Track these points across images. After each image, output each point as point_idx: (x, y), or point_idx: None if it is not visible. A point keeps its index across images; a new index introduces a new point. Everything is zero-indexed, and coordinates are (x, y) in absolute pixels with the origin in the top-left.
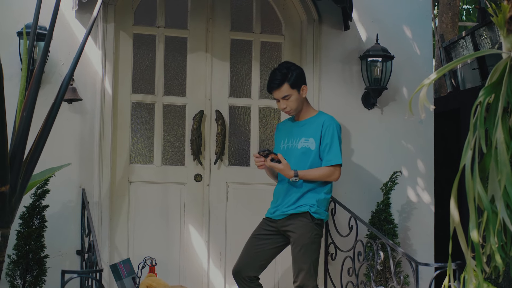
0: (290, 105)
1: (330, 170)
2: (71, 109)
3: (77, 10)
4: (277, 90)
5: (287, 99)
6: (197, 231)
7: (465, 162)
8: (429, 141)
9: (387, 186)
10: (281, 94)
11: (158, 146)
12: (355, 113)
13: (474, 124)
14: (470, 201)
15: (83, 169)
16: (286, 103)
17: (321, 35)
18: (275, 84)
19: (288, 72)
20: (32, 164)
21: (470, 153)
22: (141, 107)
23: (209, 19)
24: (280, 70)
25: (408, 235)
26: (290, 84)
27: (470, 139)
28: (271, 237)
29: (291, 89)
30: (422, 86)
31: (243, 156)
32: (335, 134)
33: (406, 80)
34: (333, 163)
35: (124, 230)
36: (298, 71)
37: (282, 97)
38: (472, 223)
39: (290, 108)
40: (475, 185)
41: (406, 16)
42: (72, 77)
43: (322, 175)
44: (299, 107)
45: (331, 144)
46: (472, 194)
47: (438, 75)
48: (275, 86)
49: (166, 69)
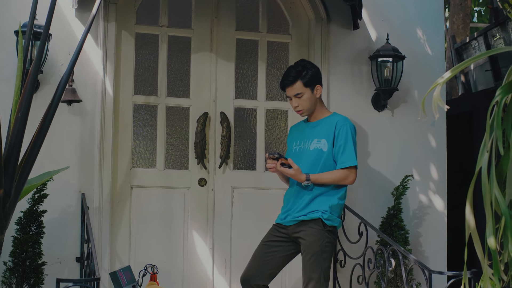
0: (302, 104)
1: (344, 173)
2: (70, 111)
3: (77, 9)
4: (290, 87)
5: (299, 97)
6: (201, 238)
7: (481, 165)
8: (442, 144)
9: (398, 191)
10: (294, 91)
11: (161, 149)
12: (364, 115)
13: (490, 125)
14: (486, 206)
15: (83, 173)
16: (298, 101)
17: (330, 35)
18: (289, 81)
19: (303, 70)
20: (27, 167)
21: (487, 156)
22: (143, 109)
23: (214, 18)
24: (296, 68)
25: (420, 241)
26: (304, 82)
27: (487, 140)
28: (282, 244)
29: (304, 87)
30: (436, 85)
31: (249, 160)
32: (349, 135)
33: (418, 81)
34: (348, 165)
35: (125, 236)
36: (313, 70)
37: (294, 94)
38: (489, 229)
39: (302, 107)
40: (492, 189)
41: (417, 15)
42: (71, 78)
43: (336, 179)
44: (312, 107)
45: (345, 146)
46: (488, 199)
47: (452, 74)
48: (288, 83)
49: (169, 70)
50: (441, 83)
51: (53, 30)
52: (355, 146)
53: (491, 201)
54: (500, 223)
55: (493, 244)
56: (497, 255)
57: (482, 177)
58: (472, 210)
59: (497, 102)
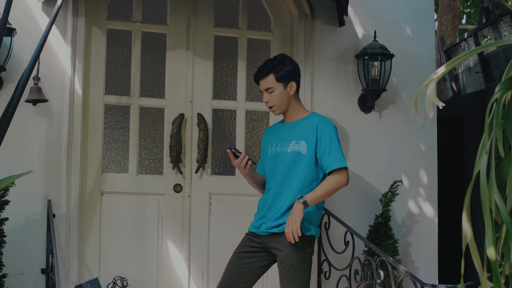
0: (272, 100)
1: (336, 178)
2: (36, 111)
3: (44, 2)
4: (262, 80)
5: (270, 92)
6: (177, 247)
7: (479, 168)
8: (432, 148)
9: (387, 197)
10: (265, 85)
11: (133, 153)
12: (351, 117)
13: (489, 124)
14: (486, 213)
15: (49, 178)
16: (269, 96)
17: (314, 32)
18: (262, 73)
19: (279, 64)
20: None
21: (486, 158)
22: (114, 109)
23: (191, 14)
24: (272, 61)
25: (410, 251)
26: (277, 77)
27: (485, 141)
28: (256, 255)
29: (276, 82)
30: (430, 81)
31: (228, 164)
32: (333, 136)
33: (407, 81)
34: (337, 167)
35: (95, 245)
36: (291, 66)
37: (265, 88)
38: (489, 239)
39: (273, 104)
40: (492, 194)
41: (406, 12)
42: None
43: (331, 188)
44: (283, 104)
45: (330, 147)
46: (488, 205)
47: (447, 69)
48: (261, 76)
49: (143, 68)
50: (435, 78)
51: (18, 25)
52: (340, 146)
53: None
54: (500, 232)
55: (493, 255)
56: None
57: (481, 181)
58: (469, 219)
59: (496, 99)
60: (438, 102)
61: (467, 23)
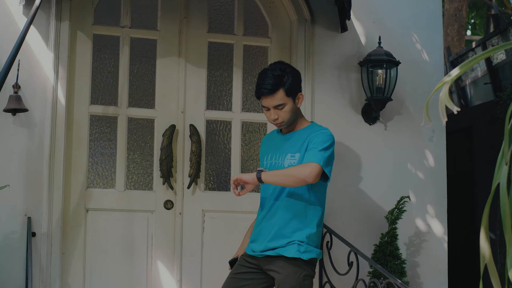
0: (283, 116)
1: (301, 167)
2: (15, 121)
3: (25, 5)
4: (269, 96)
5: (281, 109)
6: (167, 269)
7: (499, 180)
8: (441, 161)
9: (393, 215)
10: (274, 102)
11: (121, 167)
12: (354, 129)
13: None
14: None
15: (30, 193)
16: (279, 113)
17: (314, 38)
18: (267, 89)
19: (284, 75)
20: None
21: (506, 169)
22: (101, 120)
23: (183, 19)
24: (273, 72)
25: (418, 272)
26: (286, 91)
27: (505, 150)
28: (253, 277)
29: (286, 97)
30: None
31: (222, 180)
32: (322, 139)
33: (414, 90)
34: (312, 161)
35: (79, 267)
36: (294, 75)
37: (274, 106)
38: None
39: (283, 120)
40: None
41: (412, 17)
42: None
43: (290, 173)
44: (292, 119)
45: (313, 147)
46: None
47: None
48: (267, 92)
49: (131, 77)
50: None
51: None
52: (328, 152)
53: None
54: None
55: None
56: None
57: (501, 195)
58: (487, 237)
59: None
60: (453, 106)
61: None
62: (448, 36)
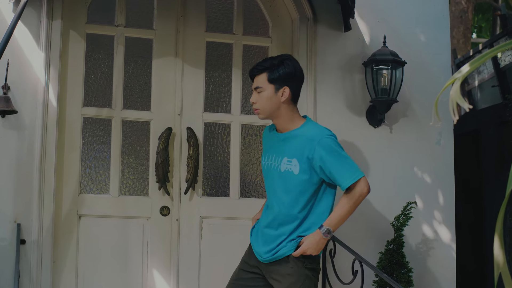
0: (259, 102)
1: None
2: (5, 124)
3: (15, 3)
4: (256, 76)
5: (259, 92)
6: (163, 277)
7: None
8: (449, 165)
9: (399, 221)
10: (256, 83)
11: (115, 171)
12: (358, 132)
13: None
14: None
15: (19, 199)
16: (257, 97)
17: (317, 37)
18: (257, 69)
19: (278, 65)
20: None
21: None
22: (94, 123)
23: (180, 17)
24: (273, 59)
25: (425, 281)
26: (269, 77)
27: None
28: (255, 283)
29: (267, 83)
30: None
31: (221, 185)
32: (332, 149)
33: (420, 92)
34: (352, 182)
35: (71, 275)
36: (291, 70)
37: (255, 87)
38: None
39: (259, 106)
40: None
41: (418, 15)
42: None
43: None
44: (269, 109)
45: (337, 164)
46: None
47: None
48: (255, 72)
49: (126, 77)
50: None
51: None
52: (346, 156)
53: None
54: None
55: None
56: None
57: None
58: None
59: None
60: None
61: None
62: (454, 38)
